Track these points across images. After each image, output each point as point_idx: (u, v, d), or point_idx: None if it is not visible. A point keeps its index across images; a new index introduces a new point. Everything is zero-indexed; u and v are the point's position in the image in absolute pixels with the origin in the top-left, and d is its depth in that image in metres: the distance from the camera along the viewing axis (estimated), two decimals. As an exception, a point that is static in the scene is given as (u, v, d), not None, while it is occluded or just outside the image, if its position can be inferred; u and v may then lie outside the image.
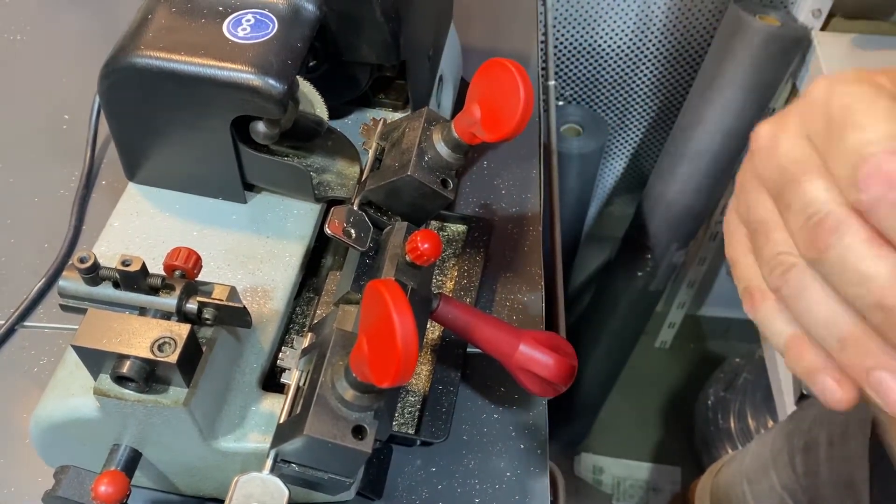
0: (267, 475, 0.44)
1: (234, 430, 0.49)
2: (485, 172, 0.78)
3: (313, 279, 0.64)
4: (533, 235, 0.73)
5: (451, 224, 0.72)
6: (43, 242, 0.70)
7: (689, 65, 1.47)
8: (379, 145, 0.61)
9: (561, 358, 0.53)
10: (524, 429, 0.61)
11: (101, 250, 0.57)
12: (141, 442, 0.49)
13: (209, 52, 0.52)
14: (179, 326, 0.43)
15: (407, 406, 0.60)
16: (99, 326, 0.43)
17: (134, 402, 0.45)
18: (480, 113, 0.52)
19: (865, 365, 0.28)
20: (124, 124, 0.58)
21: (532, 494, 0.58)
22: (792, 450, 0.95)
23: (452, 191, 0.56)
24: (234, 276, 0.56)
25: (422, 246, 0.50)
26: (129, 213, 0.60)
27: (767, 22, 1.22)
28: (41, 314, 0.66)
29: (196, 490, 0.56)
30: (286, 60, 0.52)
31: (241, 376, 0.51)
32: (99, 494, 0.43)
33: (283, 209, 0.60)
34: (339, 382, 0.43)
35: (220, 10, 0.55)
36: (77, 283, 0.46)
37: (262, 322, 0.54)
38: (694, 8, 1.38)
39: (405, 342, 0.36)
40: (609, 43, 1.45)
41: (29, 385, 0.62)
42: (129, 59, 0.52)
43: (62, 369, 0.50)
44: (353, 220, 0.54)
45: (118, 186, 0.62)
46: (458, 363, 0.62)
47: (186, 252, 0.46)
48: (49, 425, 0.49)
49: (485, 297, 0.68)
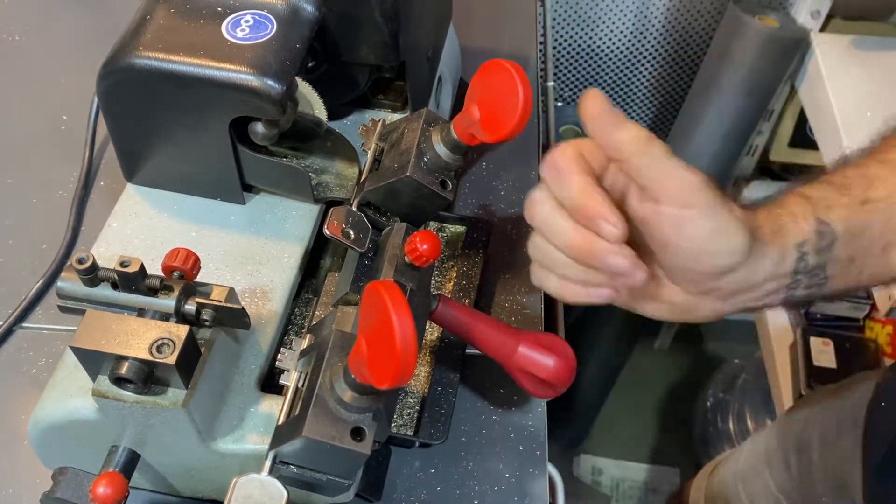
0: (266, 476, 0.44)
1: (232, 431, 0.49)
2: (484, 173, 0.78)
3: (312, 280, 0.64)
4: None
5: (450, 225, 0.72)
6: (41, 243, 0.70)
7: (687, 66, 1.47)
8: (378, 146, 0.61)
9: (560, 359, 0.53)
10: (523, 430, 0.61)
11: (99, 251, 0.57)
12: (139, 443, 0.49)
13: (208, 52, 0.51)
14: (178, 328, 0.43)
15: (406, 407, 0.60)
16: (97, 328, 0.43)
17: (132, 403, 0.44)
18: (479, 114, 0.52)
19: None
20: (123, 125, 0.58)
21: (531, 496, 0.58)
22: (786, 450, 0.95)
23: (451, 192, 0.56)
24: (232, 277, 0.56)
25: (421, 247, 0.50)
26: (128, 214, 0.59)
27: (766, 23, 1.22)
28: (39, 315, 0.66)
29: (194, 491, 0.56)
30: (285, 61, 0.52)
31: (239, 377, 0.51)
32: (97, 496, 0.43)
33: (281, 210, 0.60)
34: (337, 384, 0.42)
35: (218, 10, 0.54)
36: (75, 284, 0.46)
37: (260, 323, 0.54)
38: (693, 9, 1.38)
39: (404, 343, 0.35)
40: (608, 44, 1.45)
41: (27, 386, 0.62)
42: (128, 59, 0.52)
43: (61, 370, 0.50)
44: (352, 221, 0.54)
45: (117, 187, 0.62)
46: (457, 364, 0.62)
47: (185, 253, 0.46)
48: (47, 427, 0.49)
49: (484, 298, 0.68)
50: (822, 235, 0.50)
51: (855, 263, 0.51)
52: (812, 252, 0.50)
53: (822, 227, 0.50)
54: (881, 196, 0.51)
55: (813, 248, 0.50)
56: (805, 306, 0.56)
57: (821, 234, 0.50)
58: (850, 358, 1.26)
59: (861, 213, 0.50)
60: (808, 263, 0.50)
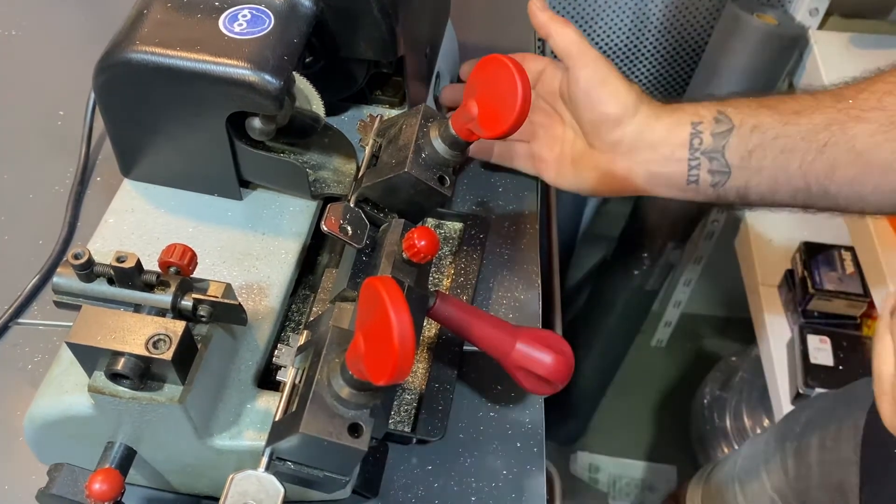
0: (262, 473, 0.43)
1: (229, 427, 0.49)
2: (482, 170, 0.78)
3: (309, 276, 0.63)
4: (530, 233, 0.73)
5: (448, 221, 0.72)
6: (37, 239, 0.70)
7: (685, 63, 1.47)
8: (376, 142, 0.61)
9: (558, 356, 0.53)
10: (521, 427, 0.61)
11: (95, 247, 0.57)
12: (135, 439, 0.49)
13: (205, 47, 0.51)
14: (174, 323, 0.43)
15: (403, 404, 0.60)
16: (93, 323, 0.43)
17: (128, 399, 0.44)
18: (478, 110, 0.52)
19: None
20: (119, 120, 0.57)
21: (528, 493, 0.58)
22: (784, 453, 0.95)
23: (450, 188, 0.56)
24: (229, 273, 0.56)
25: (418, 243, 0.50)
26: (124, 210, 0.59)
27: (765, 20, 1.22)
28: (35, 311, 0.66)
29: (191, 488, 0.56)
30: (283, 56, 0.52)
31: (236, 374, 0.51)
32: (93, 492, 0.42)
33: (278, 206, 0.60)
34: (335, 380, 0.42)
35: (216, 5, 0.54)
36: (71, 279, 0.46)
37: (257, 319, 0.54)
38: (691, 6, 1.38)
39: (402, 340, 0.35)
40: (606, 41, 1.45)
41: (23, 382, 0.62)
42: (125, 54, 0.52)
43: (56, 367, 0.50)
44: (350, 217, 0.54)
45: (113, 183, 0.61)
46: (454, 361, 0.62)
47: (182, 249, 0.45)
48: (43, 423, 0.49)
49: (482, 294, 0.68)
50: (720, 122, 0.60)
51: (753, 158, 0.60)
52: (707, 133, 0.60)
53: (720, 116, 0.61)
54: (785, 108, 0.60)
55: (708, 130, 0.60)
56: (734, 206, 0.63)
57: (718, 120, 0.60)
58: (847, 356, 1.26)
59: (761, 112, 0.60)
60: (702, 140, 0.61)
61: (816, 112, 0.59)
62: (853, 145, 0.58)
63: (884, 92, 0.59)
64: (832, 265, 1.33)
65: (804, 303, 1.33)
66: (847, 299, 1.31)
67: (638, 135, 0.61)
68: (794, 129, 0.59)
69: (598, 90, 0.61)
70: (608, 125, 0.62)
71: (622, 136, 0.62)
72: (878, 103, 0.58)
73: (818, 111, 0.59)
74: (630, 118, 0.61)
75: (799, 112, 0.60)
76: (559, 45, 0.63)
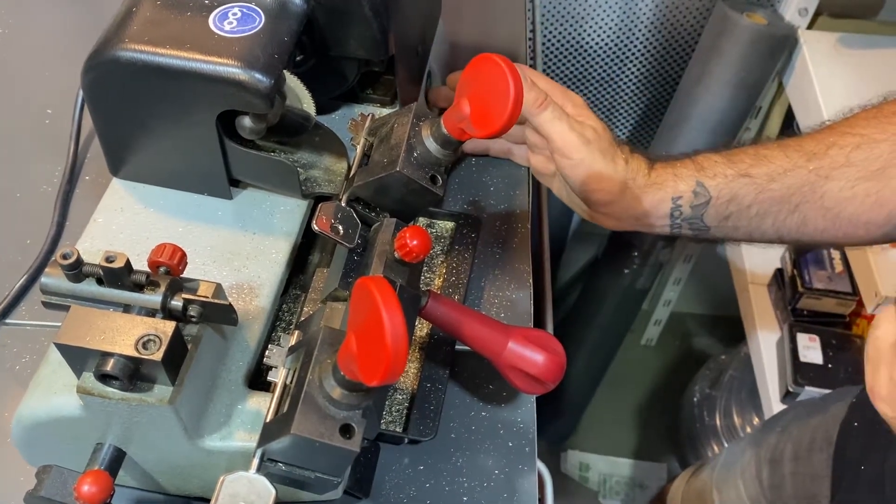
0: (253, 474, 0.43)
1: (219, 428, 0.49)
2: (473, 169, 0.78)
3: (300, 276, 0.63)
4: (521, 232, 0.73)
5: (440, 221, 0.71)
6: (25, 238, 0.69)
7: (675, 63, 1.48)
8: (367, 141, 0.60)
9: (550, 355, 0.53)
10: (512, 426, 0.61)
11: (84, 246, 0.56)
12: (125, 441, 0.48)
13: (195, 45, 0.51)
14: (164, 324, 0.43)
15: (395, 404, 0.60)
16: (82, 324, 0.42)
17: (118, 400, 0.44)
18: (470, 108, 0.51)
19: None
20: (108, 119, 0.57)
21: (520, 492, 0.58)
22: (759, 461, 0.96)
23: (441, 187, 0.56)
24: (219, 272, 0.56)
25: (410, 242, 0.49)
26: (113, 209, 0.59)
27: (754, 20, 1.23)
28: (23, 311, 0.65)
29: (181, 489, 0.55)
30: (273, 54, 0.52)
31: (226, 374, 0.51)
32: (82, 494, 0.42)
33: (269, 205, 0.60)
34: (326, 381, 0.42)
35: (206, 3, 0.54)
36: (60, 279, 0.45)
37: (248, 319, 0.53)
38: (681, 6, 1.38)
39: (394, 340, 0.35)
40: (596, 40, 1.45)
41: (11, 383, 0.61)
42: (114, 52, 0.51)
43: (45, 367, 0.49)
44: (341, 217, 0.54)
45: (102, 182, 0.61)
46: (446, 361, 0.61)
47: (171, 248, 0.45)
48: (31, 424, 0.48)
49: (473, 294, 0.68)
50: (698, 195, 0.67)
51: (729, 221, 0.67)
52: (686, 206, 0.67)
53: (698, 188, 0.67)
54: (760, 173, 0.65)
55: (687, 203, 0.67)
56: (713, 242, 0.73)
57: (697, 194, 0.67)
58: (836, 354, 1.27)
59: (737, 183, 0.66)
60: (682, 213, 0.68)
61: (789, 174, 0.65)
62: (822, 203, 0.64)
63: (853, 146, 0.63)
64: (821, 264, 1.34)
65: (793, 301, 1.34)
66: (836, 298, 1.32)
67: (625, 210, 0.68)
68: (768, 196, 0.65)
69: (588, 184, 0.66)
70: (597, 204, 0.68)
71: (610, 210, 0.68)
72: (845, 160, 0.63)
73: (790, 173, 0.65)
74: (617, 202, 0.67)
75: (773, 178, 0.65)
76: (554, 144, 0.65)
